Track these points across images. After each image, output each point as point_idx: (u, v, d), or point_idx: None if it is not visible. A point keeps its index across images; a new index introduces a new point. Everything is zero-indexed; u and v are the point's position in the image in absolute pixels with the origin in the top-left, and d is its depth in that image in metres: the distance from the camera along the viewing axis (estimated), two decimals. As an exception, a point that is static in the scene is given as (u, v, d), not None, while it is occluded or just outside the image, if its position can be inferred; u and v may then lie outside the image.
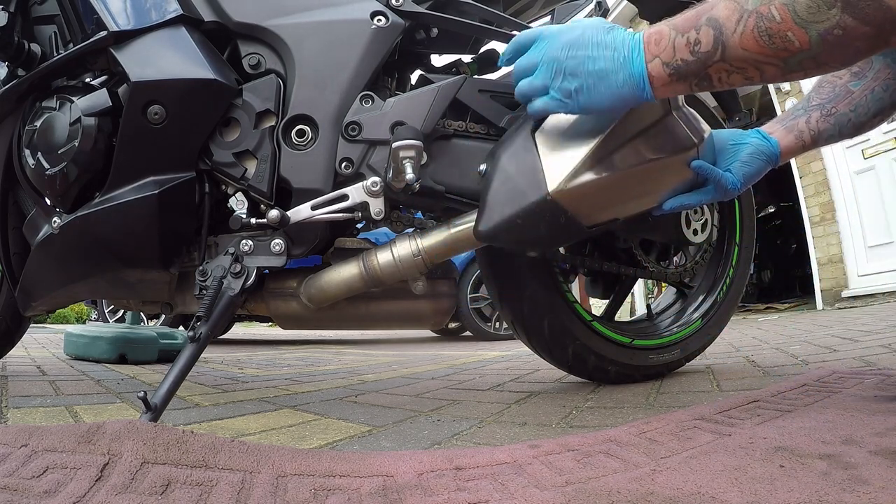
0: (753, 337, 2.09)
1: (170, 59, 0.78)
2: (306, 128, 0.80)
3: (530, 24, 1.01)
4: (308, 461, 0.55)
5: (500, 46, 1.05)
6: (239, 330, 7.69)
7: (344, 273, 0.83)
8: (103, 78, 0.84)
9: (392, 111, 0.81)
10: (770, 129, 0.83)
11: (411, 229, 0.85)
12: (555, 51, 0.64)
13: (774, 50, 0.53)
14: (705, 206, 0.98)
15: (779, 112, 4.43)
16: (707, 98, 1.15)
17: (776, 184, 4.74)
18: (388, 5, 0.85)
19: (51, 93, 0.82)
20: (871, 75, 0.80)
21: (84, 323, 6.66)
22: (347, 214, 0.79)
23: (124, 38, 0.78)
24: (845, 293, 3.98)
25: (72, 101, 0.78)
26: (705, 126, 0.72)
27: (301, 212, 0.78)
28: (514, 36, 0.93)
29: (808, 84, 4.18)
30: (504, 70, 1.05)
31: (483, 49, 1.06)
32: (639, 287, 5.38)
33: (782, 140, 0.81)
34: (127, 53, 0.77)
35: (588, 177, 0.68)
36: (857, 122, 0.81)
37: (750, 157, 0.78)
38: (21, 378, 1.32)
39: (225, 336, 4.49)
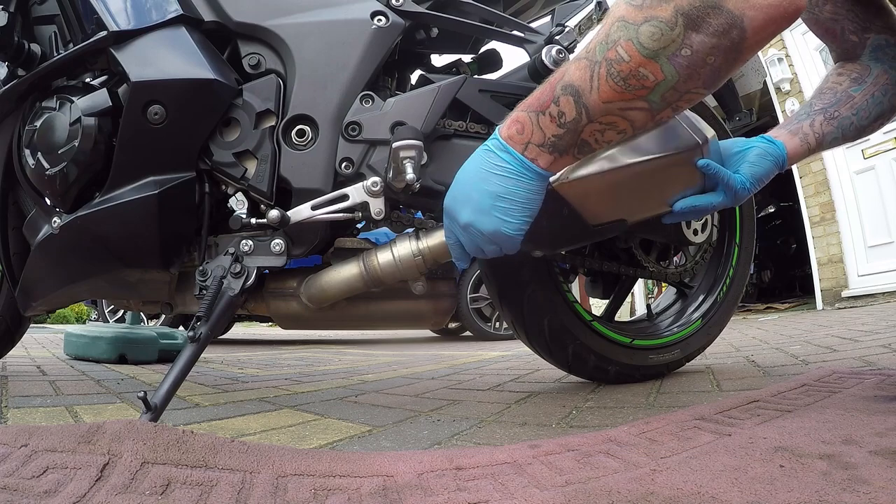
0: (753, 337, 2.09)
1: (170, 59, 0.78)
2: (306, 128, 0.80)
3: (530, 24, 1.01)
4: (308, 461, 0.55)
5: (500, 46, 1.05)
6: (239, 330, 7.69)
7: (344, 273, 0.83)
8: (103, 78, 0.84)
9: (392, 111, 0.81)
10: (775, 133, 0.83)
11: (411, 229, 0.85)
12: (458, 217, 0.64)
13: (632, 91, 0.53)
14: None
15: (778, 110, 4.43)
16: (708, 98, 1.16)
17: (776, 184, 4.73)
18: (388, 5, 0.85)
19: (51, 93, 0.82)
20: (870, 80, 0.80)
21: (84, 323, 6.66)
22: (347, 214, 0.79)
23: (124, 38, 0.78)
24: (845, 293, 3.98)
25: (72, 101, 0.78)
26: (708, 128, 0.72)
27: (301, 212, 0.78)
28: (514, 36, 0.94)
29: (808, 85, 4.18)
30: (504, 70, 1.05)
31: (483, 49, 1.06)
32: (639, 287, 5.38)
33: (788, 143, 0.80)
34: (127, 53, 0.77)
35: (590, 169, 0.67)
36: (860, 125, 0.81)
37: (757, 158, 0.77)
38: (21, 378, 1.32)
39: (225, 336, 4.48)
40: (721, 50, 0.50)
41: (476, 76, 1.04)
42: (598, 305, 2.81)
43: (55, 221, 0.83)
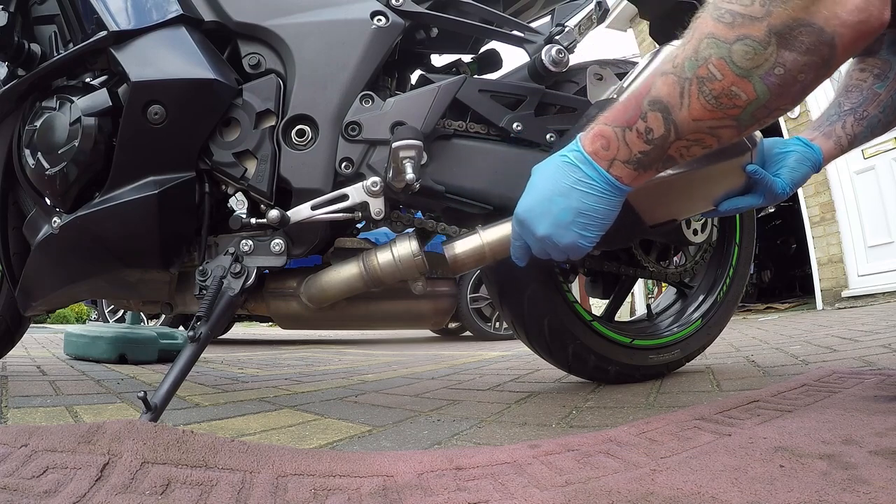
0: (753, 337, 2.09)
1: (170, 58, 0.78)
2: (306, 128, 0.80)
3: (530, 24, 1.00)
4: (308, 461, 0.55)
5: (500, 46, 1.05)
6: (239, 330, 7.69)
7: (344, 273, 0.83)
8: (103, 78, 0.84)
9: (392, 111, 0.81)
10: (809, 135, 0.84)
11: (411, 229, 0.85)
12: (534, 229, 0.64)
13: (724, 110, 0.52)
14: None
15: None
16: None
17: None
18: (388, 5, 0.85)
19: (51, 93, 0.82)
20: (892, 76, 0.82)
21: (84, 323, 6.66)
22: (347, 214, 0.79)
23: (124, 37, 0.78)
24: (845, 293, 3.98)
25: (72, 101, 0.78)
26: (758, 132, 0.73)
27: (301, 212, 0.78)
28: (514, 36, 0.94)
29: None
30: (504, 70, 1.05)
31: (483, 49, 1.06)
32: (639, 287, 5.38)
33: (823, 146, 0.82)
34: (127, 53, 0.77)
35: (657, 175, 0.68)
36: (886, 121, 0.83)
37: (796, 164, 0.79)
38: (21, 378, 1.32)
39: (225, 336, 4.48)
40: (812, 67, 0.50)
41: (476, 76, 1.04)
42: (598, 305, 2.81)
43: (55, 221, 0.83)
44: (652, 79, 0.56)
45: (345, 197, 0.78)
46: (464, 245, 0.77)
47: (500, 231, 0.76)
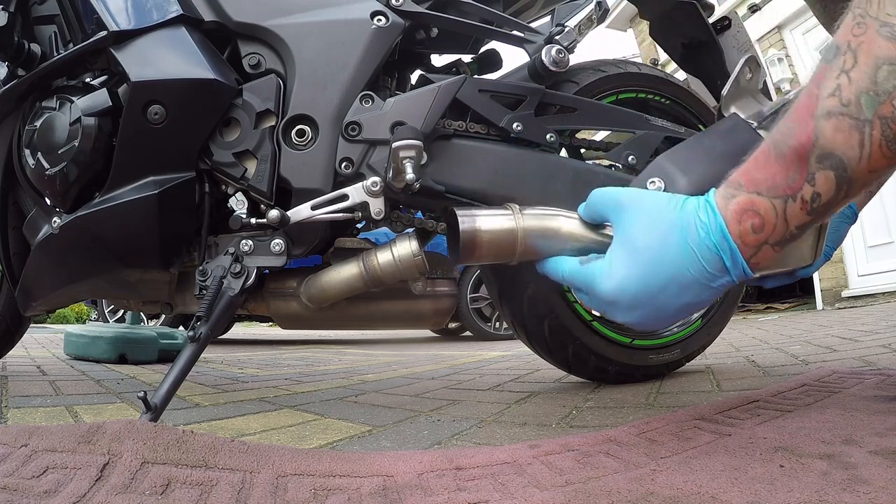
0: (753, 337, 2.09)
1: (170, 58, 0.78)
2: (306, 128, 0.80)
3: (530, 24, 1.00)
4: (308, 461, 0.55)
5: (500, 46, 1.05)
6: (239, 330, 7.69)
7: (344, 273, 0.83)
8: (103, 78, 0.84)
9: (392, 111, 0.81)
10: None
11: (411, 229, 0.85)
12: (619, 312, 0.49)
13: None
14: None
15: (779, 112, 4.42)
16: (708, 98, 1.15)
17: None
18: (388, 5, 0.85)
19: (51, 93, 0.82)
20: None
21: (84, 323, 6.66)
22: (347, 214, 0.79)
23: (124, 37, 0.78)
24: (845, 293, 3.98)
25: (72, 101, 0.78)
26: None
27: (301, 212, 0.78)
28: (514, 36, 0.94)
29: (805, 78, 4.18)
30: (504, 70, 1.05)
31: (483, 49, 1.06)
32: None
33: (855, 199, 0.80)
34: (127, 53, 0.77)
35: None
36: None
37: (837, 224, 0.75)
38: (21, 378, 1.32)
39: (225, 336, 4.48)
40: None
41: (476, 76, 1.04)
42: (598, 305, 2.79)
43: (55, 221, 0.83)
44: (810, 124, 0.42)
45: (345, 197, 0.78)
46: (491, 222, 0.54)
47: (545, 223, 0.56)
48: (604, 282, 0.49)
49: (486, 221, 0.54)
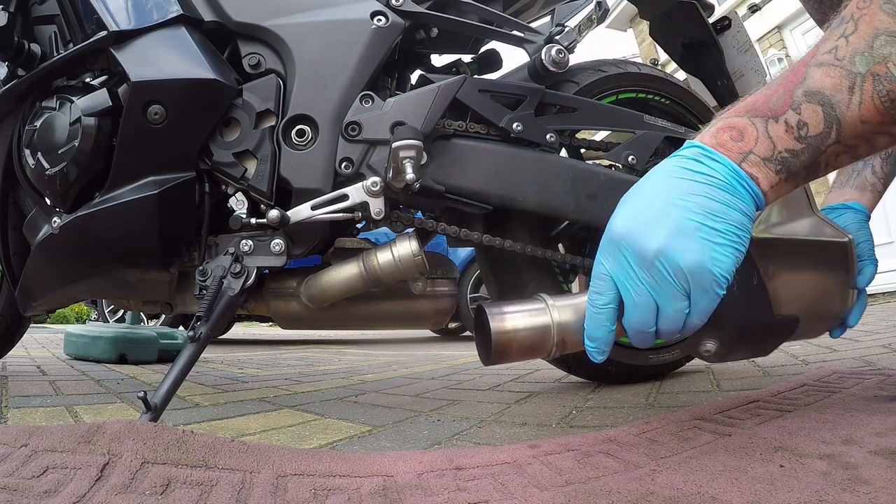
0: (753, 337, 2.08)
1: (170, 58, 0.78)
2: (306, 128, 0.80)
3: (530, 24, 1.01)
4: (308, 461, 0.55)
5: (500, 46, 1.05)
6: (239, 330, 7.69)
7: (344, 273, 0.83)
8: (103, 78, 0.84)
9: (392, 111, 0.81)
10: (842, 196, 0.79)
11: (411, 229, 0.85)
12: (645, 246, 0.44)
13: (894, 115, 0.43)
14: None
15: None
16: (707, 98, 1.15)
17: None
18: (388, 5, 0.85)
19: (51, 93, 0.82)
20: None
21: (84, 323, 6.66)
22: (347, 214, 0.79)
23: (124, 37, 0.78)
24: (845, 293, 3.97)
25: (72, 101, 0.78)
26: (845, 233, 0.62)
27: (301, 212, 0.78)
28: (514, 36, 0.94)
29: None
30: (504, 70, 1.05)
31: (483, 49, 1.06)
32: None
33: (861, 200, 0.78)
34: (127, 53, 0.77)
35: (798, 231, 0.58)
36: None
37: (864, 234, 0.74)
38: (21, 378, 1.32)
39: (225, 336, 4.48)
40: None
41: (476, 76, 1.04)
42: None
43: (55, 221, 0.83)
44: (801, 69, 0.46)
45: (345, 197, 0.78)
46: (524, 320, 0.50)
47: (582, 307, 0.50)
48: (610, 231, 0.47)
49: (518, 320, 0.50)
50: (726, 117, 0.47)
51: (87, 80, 0.85)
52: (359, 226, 0.96)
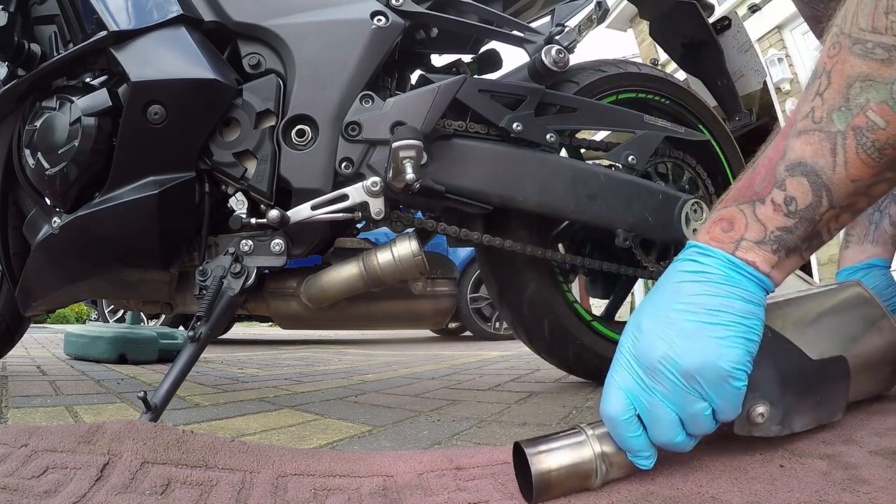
0: (753, 337, 2.08)
1: (170, 58, 0.78)
2: (306, 128, 0.80)
3: (530, 24, 1.01)
4: (308, 461, 0.55)
5: (500, 46, 1.05)
6: (239, 330, 7.69)
7: (344, 273, 0.83)
8: (103, 78, 0.84)
9: (392, 111, 0.81)
10: (863, 253, 0.78)
11: (411, 229, 0.85)
12: (648, 354, 0.45)
13: (888, 163, 0.42)
14: (704, 206, 0.98)
15: (778, 111, 4.42)
16: (707, 98, 1.15)
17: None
18: (388, 5, 0.85)
19: (51, 93, 0.82)
20: None
21: (84, 323, 6.66)
22: (347, 214, 0.79)
23: (124, 37, 0.78)
24: (845, 293, 3.97)
25: (72, 101, 0.78)
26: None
27: (301, 212, 0.78)
28: (514, 36, 0.94)
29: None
30: (504, 70, 1.05)
31: (483, 49, 1.06)
32: (639, 287, 5.38)
33: (882, 254, 0.77)
34: (127, 53, 0.77)
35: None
36: None
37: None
38: (21, 378, 1.32)
39: (225, 336, 4.48)
40: None
41: (476, 76, 1.04)
42: (597, 305, 2.80)
43: (55, 221, 0.83)
44: (781, 142, 0.46)
45: (345, 197, 0.79)
46: (565, 457, 0.46)
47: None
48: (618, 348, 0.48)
49: (558, 457, 0.47)
50: (718, 210, 0.48)
51: (87, 80, 0.85)
52: (359, 226, 0.96)
